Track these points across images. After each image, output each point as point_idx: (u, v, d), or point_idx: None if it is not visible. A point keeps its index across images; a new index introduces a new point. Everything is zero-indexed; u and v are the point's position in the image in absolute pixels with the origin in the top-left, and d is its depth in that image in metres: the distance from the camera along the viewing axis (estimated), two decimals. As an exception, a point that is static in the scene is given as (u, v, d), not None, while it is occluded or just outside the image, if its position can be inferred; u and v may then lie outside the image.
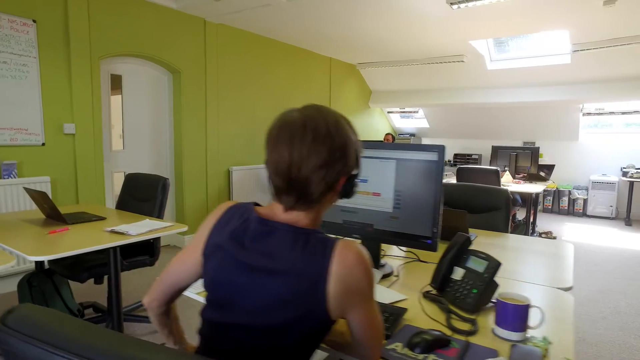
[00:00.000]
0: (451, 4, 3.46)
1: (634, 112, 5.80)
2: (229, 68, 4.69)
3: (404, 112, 7.78)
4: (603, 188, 6.43)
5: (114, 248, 1.95)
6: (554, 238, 4.94)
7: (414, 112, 7.61)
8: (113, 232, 1.98)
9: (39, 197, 2.21)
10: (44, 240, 1.83)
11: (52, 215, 2.24)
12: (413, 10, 3.97)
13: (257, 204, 0.91)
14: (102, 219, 2.28)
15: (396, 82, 7.00)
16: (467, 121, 7.34)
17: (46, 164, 3.27)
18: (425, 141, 8.39)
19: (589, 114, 6.06)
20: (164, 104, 4.27)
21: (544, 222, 6.10)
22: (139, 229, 2.02)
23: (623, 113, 5.87)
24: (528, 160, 4.90)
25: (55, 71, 3.26)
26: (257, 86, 5.07)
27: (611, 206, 6.39)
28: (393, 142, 6.35)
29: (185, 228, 2.15)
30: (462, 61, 5.74)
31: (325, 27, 4.68)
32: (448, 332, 1.06)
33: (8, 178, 3.00)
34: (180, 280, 0.93)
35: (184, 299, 1.10)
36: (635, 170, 5.91)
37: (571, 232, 5.48)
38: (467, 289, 1.23)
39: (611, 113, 5.93)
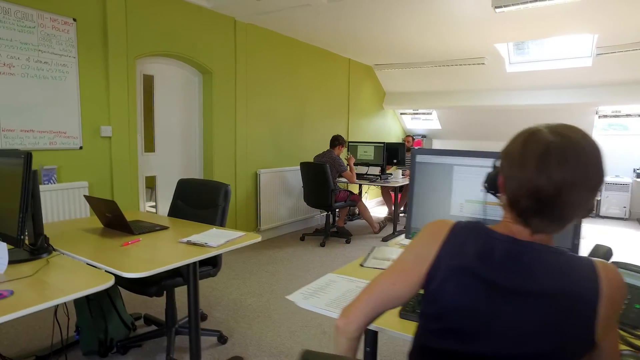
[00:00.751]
0: (496, 7, 3.43)
1: (649, 114, 5.88)
2: (257, 69, 4.59)
3: (416, 113, 7.77)
4: (616, 189, 6.51)
5: (194, 262, 1.85)
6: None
7: (428, 113, 7.60)
8: (190, 243, 1.88)
9: (102, 206, 2.10)
10: (123, 254, 1.73)
11: (114, 224, 2.13)
12: (454, 12, 3.94)
13: (481, 223, 0.84)
14: (164, 228, 2.18)
15: (411, 83, 6.98)
16: (480, 123, 7.36)
17: (84, 168, 3.13)
18: (437, 143, 8.39)
19: (605, 116, 6.13)
20: (194, 106, 4.15)
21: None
22: (215, 239, 1.93)
23: (638, 115, 5.95)
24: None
25: (93, 71, 3.13)
26: (280, 88, 4.98)
27: (624, 207, 6.47)
28: (411, 139, 6.34)
29: (258, 239, 2.06)
30: (483, 63, 5.74)
31: (355, 28, 4.62)
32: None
33: (48, 184, 2.86)
34: (390, 302, 0.87)
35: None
36: (650, 172, 5.99)
37: (585, 233, 5.53)
38: (627, 304, 1.19)
39: (628, 115, 6.00)
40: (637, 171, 6.40)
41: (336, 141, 4.85)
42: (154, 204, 3.91)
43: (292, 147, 5.27)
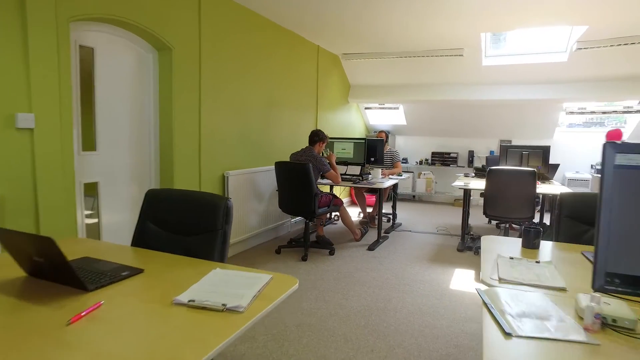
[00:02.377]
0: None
1: (613, 112, 5.98)
2: (225, 49, 3.78)
3: (382, 108, 7.34)
4: (578, 185, 6.60)
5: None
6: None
7: (394, 108, 7.21)
8: (193, 305, 1.13)
9: (25, 244, 1.27)
10: (73, 347, 0.94)
11: (49, 274, 1.29)
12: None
13: None
14: (137, 272, 1.39)
15: (380, 75, 6.51)
16: (448, 118, 7.12)
17: (-8, 175, 2.17)
18: (401, 139, 8.06)
19: (571, 112, 6.14)
20: (149, 91, 3.26)
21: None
22: (233, 291, 1.21)
23: (604, 112, 6.03)
24: (538, 159, 4.72)
25: (3, 37, 2.17)
26: (252, 74, 4.21)
27: (585, 203, 6.57)
28: (387, 138, 5.87)
29: (296, 286, 1.35)
30: (462, 55, 5.41)
31: (326, 8, 3.99)
32: None
33: None
34: None
35: None
36: (612, 169, 6.10)
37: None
38: None
39: (592, 112, 6.06)
40: (596, 167, 6.53)
41: (316, 137, 4.20)
42: (95, 220, 2.97)
43: (263, 144, 4.52)
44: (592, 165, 6.69)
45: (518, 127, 6.90)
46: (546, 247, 1.77)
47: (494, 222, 5.84)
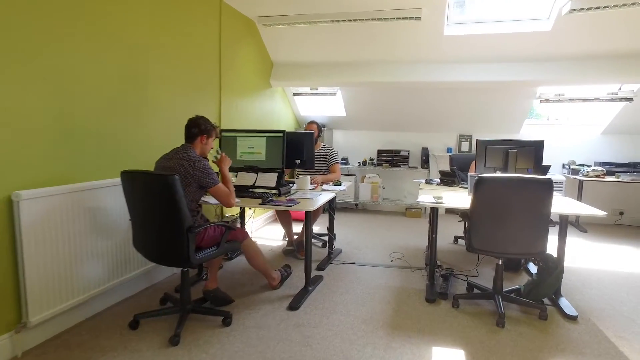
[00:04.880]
0: None
1: (595, 99, 4.88)
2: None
3: (316, 93, 5.75)
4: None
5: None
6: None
7: (330, 94, 5.65)
8: None
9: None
10: None
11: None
12: None
13: None
14: None
15: (310, 49, 4.91)
16: (396, 107, 5.70)
17: None
18: (339, 134, 6.53)
19: (547, 100, 4.96)
20: None
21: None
22: None
23: (584, 100, 4.91)
24: (529, 159, 3.38)
25: None
26: (92, 31, 2.40)
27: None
28: (319, 132, 4.30)
29: None
30: (419, 18, 3.96)
31: None
32: None
33: None
34: None
35: None
36: (591, 169, 5.01)
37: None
38: None
39: (571, 100, 4.92)
40: (573, 167, 5.42)
41: (195, 128, 2.48)
42: None
43: (117, 144, 2.71)
44: (564, 165, 5.61)
45: (481, 118, 5.64)
46: None
47: (461, 241, 4.48)
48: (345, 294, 2.98)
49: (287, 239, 4.12)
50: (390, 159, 6.15)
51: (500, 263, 2.69)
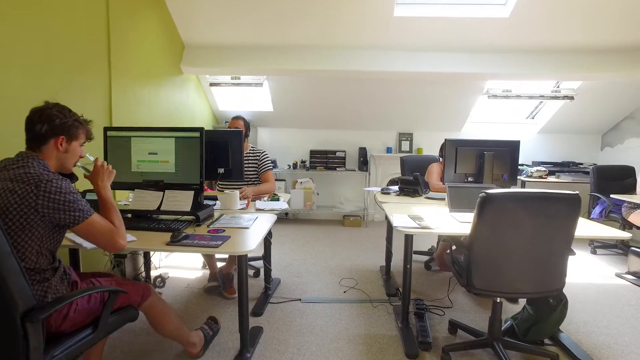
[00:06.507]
0: None
1: (540, 96, 4.64)
2: None
3: (238, 84, 4.77)
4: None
5: None
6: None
7: (256, 84, 4.72)
8: None
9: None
10: None
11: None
12: None
13: None
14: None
15: (230, 28, 3.94)
16: (330, 101, 4.98)
17: None
18: (265, 133, 5.63)
19: (494, 96, 4.61)
20: None
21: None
22: None
23: (530, 97, 4.65)
24: (505, 164, 2.85)
25: None
26: None
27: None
28: (247, 130, 3.38)
29: None
30: (368, -9, 3.24)
31: None
32: None
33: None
34: None
35: None
36: (535, 169, 4.78)
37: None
38: None
39: (518, 97, 4.62)
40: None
41: (43, 124, 1.43)
42: None
43: None
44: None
45: (423, 115, 5.17)
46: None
47: (417, 257, 3.89)
48: (297, 355, 2.15)
49: (208, 270, 3.14)
50: (324, 160, 5.42)
51: (499, 300, 2.07)
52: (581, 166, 5.23)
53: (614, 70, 3.95)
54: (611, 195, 3.87)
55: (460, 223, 2.16)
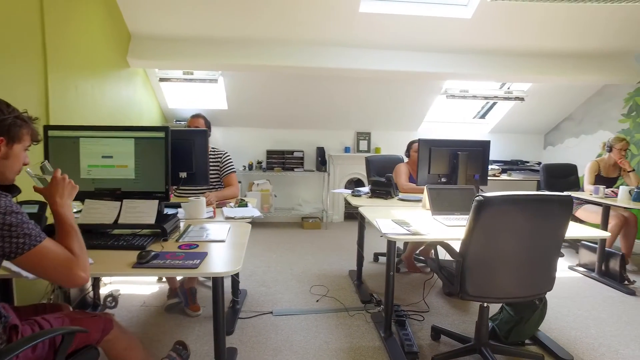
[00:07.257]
0: None
1: (494, 97, 4.79)
2: None
3: (190, 79, 4.42)
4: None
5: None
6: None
7: (211, 80, 4.40)
8: None
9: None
10: None
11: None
12: None
13: None
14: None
15: (182, 17, 3.62)
16: (287, 99, 4.80)
17: None
18: (219, 132, 5.31)
19: (452, 96, 4.68)
20: None
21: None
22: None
23: (485, 98, 4.78)
24: (477, 164, 2.85)
25: None
26: None
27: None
28: (207, 127, 3.09)
29: None
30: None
31: None
32: None
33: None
34: None
35: None
36: (490, 167, 4.92)
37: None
38: None
39: (474, 97, 4.73)
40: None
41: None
42: None
43: None
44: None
45: (381, 114, 5.14)
46: None
47: (378, 258, 3.83)
48: (279, 378, 1.96)
49: (168, 285, 2.84)
50: (281, 161, 5.22)
51: (486, 305, 2.02)
52: (528, 164, 5.50)
53: (562, 74, 4.17)
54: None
55: (447, 227, 2.09)
